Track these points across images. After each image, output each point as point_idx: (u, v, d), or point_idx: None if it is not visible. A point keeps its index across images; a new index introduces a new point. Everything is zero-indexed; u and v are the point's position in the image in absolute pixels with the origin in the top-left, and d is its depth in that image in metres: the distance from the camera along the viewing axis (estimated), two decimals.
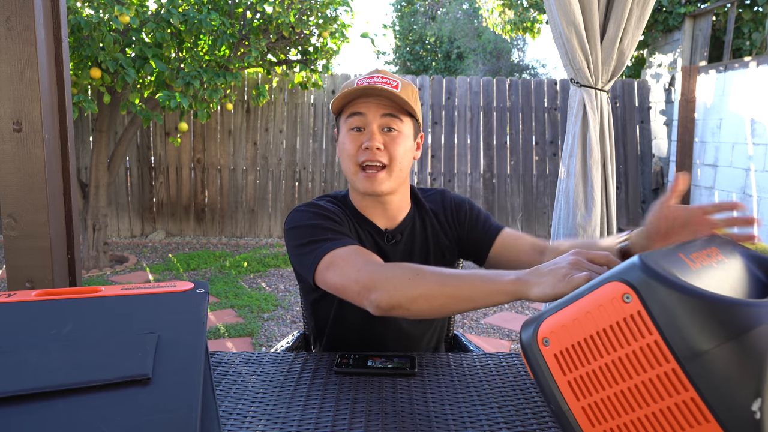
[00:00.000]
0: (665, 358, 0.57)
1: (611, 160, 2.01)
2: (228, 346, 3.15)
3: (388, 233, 1.20)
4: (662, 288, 0.57)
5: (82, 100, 3.80)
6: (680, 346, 0.56)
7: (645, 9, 1.93)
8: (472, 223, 1.25)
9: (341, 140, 1.16)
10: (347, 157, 1.14)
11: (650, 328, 0.58)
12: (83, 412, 0.56)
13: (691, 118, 5.61)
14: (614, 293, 0.60)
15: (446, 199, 1.28)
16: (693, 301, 0.56)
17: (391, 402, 0.89)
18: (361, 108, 1.12)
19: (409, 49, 14.42)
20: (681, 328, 0.56)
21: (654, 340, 0.57)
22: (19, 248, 1.19)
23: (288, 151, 6.08)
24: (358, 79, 1.14)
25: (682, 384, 0.56)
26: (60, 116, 1.25)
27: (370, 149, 1.10)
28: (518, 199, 6.18)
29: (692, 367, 0.55)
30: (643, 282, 0.58)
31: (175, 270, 4.71)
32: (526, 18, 7.85)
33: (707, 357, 0.55)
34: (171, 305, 0.74)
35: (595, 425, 0.62)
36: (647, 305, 0.58)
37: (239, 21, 4.78)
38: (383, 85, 1.10)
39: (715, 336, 0.55)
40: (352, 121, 1.13)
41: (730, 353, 0.54)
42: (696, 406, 0.55)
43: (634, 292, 0.59)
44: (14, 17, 1.15)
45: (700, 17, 5.88)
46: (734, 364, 0.54)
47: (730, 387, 0.54)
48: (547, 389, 0.66)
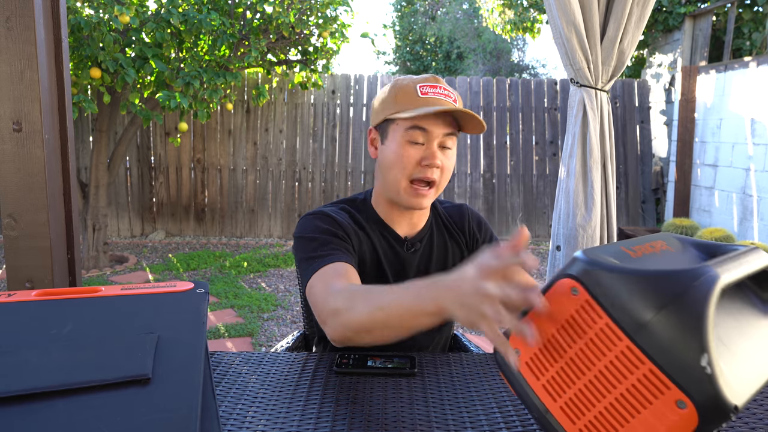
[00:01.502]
0: (618, 338, 0.60)
1: (611, 160, 2.01)
2: (228, 346, 3.15)
3: (407, 241, 1.20)
4: (602, 273, 0.61)
5: (82, 100, 3.80)
6: (627, 322, 0.59)
7: (645, 9, 1.92)
8: (486, 242, 1.27)
9: (394, 150, 1.10)
10: (400, 169, 1.10)
11: (599, 313, 0.61)
12: (83, 412, 0.56)
13: (691, 118, 5.61)
14: (563, 289, 0.64)
15: (465, 213, 1.28)
16: (627, 278, 0.60)
17: (391, 402, 0.89)
18: (426, 124, 1.08)
19: (409, 49, 14.42)
20: (624, 306, 0.60)
21: (605, 323, 0.61)
22: (19, 248, 1.19)
23: (288, 151, 6.08)
24: (419, 84, 1.10)
25: (637, 358, 0.59)
26: (60, 116, 1.25)
27: (430, 167, 1.09)
28: (518, 199, 6.18)
29: (641, 339, 0.58)
30: (585, 272, 0.63)
31: (175, 270, 4.71)
32: (526, 18, 7.85)
33: (651, 326, 0.58)
34: (171, 305, 0.74)
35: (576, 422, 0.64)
36: (592, 292, 0.62)
37: (239, 21, 4.78)
38: (447, 98, 1.09)
39: (652, 305, 0.58)
40: (414, 134, 1.09)
41: (669, 318, 0.57)
42: (655, 376, 0.58)
43: (579, 284, 0.63)
44: (14, 17, 1.15)
45: (700, 17, 5.88)
46: (675, 327, 0.57)
47: (678, 349, 0.57)
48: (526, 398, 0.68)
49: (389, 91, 1.13)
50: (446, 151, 1.12)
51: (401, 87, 1.11)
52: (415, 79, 1.12)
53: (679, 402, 0.56)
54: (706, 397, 0.55)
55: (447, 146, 1.12)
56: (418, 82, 1.10)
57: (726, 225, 5.14)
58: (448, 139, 1.11)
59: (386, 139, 1.13)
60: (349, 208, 1.20)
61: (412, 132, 1.09)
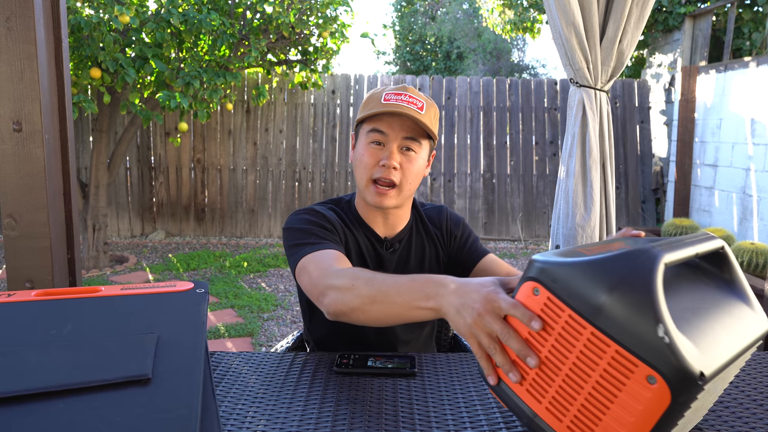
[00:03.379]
0: (582, 326, 0.62)
1: (611, 161, 2.01)
2: (228, 346, 3.15)
3: (386, 241, 1.25)
4: (555, 269, 0.65)
5: (82, 100, 3.80)
6: (585, 309, 0.62)
7: (644, 9, 1.92)
8: (463, 242, 1.31)
9: (359, 150, 1.19)
10: (363, 168, 1.17)
11: (561, 307, 0.64)
12: (83, 412, 0.56)
13: (691, 118, 5.61)
14: (527, 292, 0.68)
15: (444, 215, 1.32)
16: (577, 268, 0.64)
17: (391, 402, 0.89)
18: (384, 127, 1.15)
19: (409, 49, 14.41)
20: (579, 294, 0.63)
21: (568, 314, 0.63)
22: (19, 248, 1.19)
23: (288, 151, 6.08)
24: (385, 92, 1.16)
25: (603, 342, 0.61)
26: (60, 116, 1.25)
27: (386, 167, 1.14)
28: (518, 199, 6.18)
29: (602, 322, 0.61)
30: (541, 271, 0.66)
31: (175, 270, 4.71)
32: (526, 18, 7.85)
33: (607, 308, 0.61)
34: (171, 305, 0.74)
35: (562, 419, 0.65)
36: (550, 288, 0.65)
37: (239, 21, 4.78)
38: (410, 105, 1.13)
39: (603, 287, 0.61)
40: (374, 135, 1.16)
41: (621, 297, 0.60)
42: (622, 357, 0.60)
43: (539, 283, 0.66)
44: (14, 17, 1.15)
45: (700, 17, 5.88)
46: (628, 305, 0.60)
47: (635, 325, 0.59)
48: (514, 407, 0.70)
49: (365, 98, 1.21)
50: (409, 153, 1.16)
51: (372, 94, 1.19)
52: (387, 88, 1.18)
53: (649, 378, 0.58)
54: (671, 366, 0.57)
55: (411, 149, 1.16)
56: (386, 91, 1.17)
57: (726, 225, 5.14)
58: (410, 142, 1.15)
59: (356, 142, 1.22)
60: (336, 208, 1.26)
61: (372, 134, 1.16)
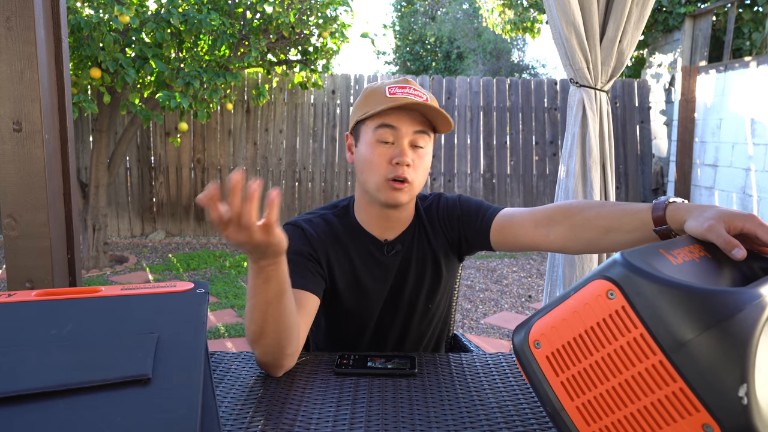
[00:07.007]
0: (651, 351, 0.57)
1: (611, 161, 2.01)
2: (228, 346, 3.15)
3: (387, 244, 1.19)
4: (643, 282, 0.59)
5: (82, 100, 3.80)
6: (665, 337, 0.57)
7: (644, 9, 1.92)
8: (466, 218, 1.20)
9: (365, 151, 1.10)
10: (375, 170, 1.09)
11: (635, 322, 0.59)
12: (83, 412, 0.56)
13: (691, 118, 5.61)
14: (599, 291, 0.61)
15: (440, 203, 1.24)
16: (673, 292, 0.57)
17: (391, 402, 0.89)
18: (394, 121, 1.08)
19: (409, 49, 14.41)
20: (664, 320, 0.57)
21: (639, 333, 0.58)
22: (19, 248, 1.19)
23: (288, 151, 6.08)
24: (388, 85, 1.10)
25: (669, 375, 0.56)
26: (60, 116, 1.25)
27: (401, 165, 1.07)
28: (518, 199, 6.18)
29: (678, 357, 0.56)
30: (625, 277, 0.60)
31: (175, 270, 4.71)
32: (526, 18, 7.85)
33: (691, 346, 0.55)
34: (171, 305, 0.74)
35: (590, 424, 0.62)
36: (630, 300, 0.59)
37: (239, 21, 4.78)
38: (417, 98, 1.07)
39: (696, 325, 0.55)
40: (382, 133, 1.08)
41: (712, 341, 0.55)
42: (685, 396, 0.56)
43: (617, 288, 0.60)
44: (14, 17, 1.15)
45: (700, 17, 5.88)
46: (717, 352, 0.54)
47: (716, 374, 0.54)
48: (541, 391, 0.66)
49: (361, 95, 1.15)
50: (418, 150, 1.10)
51: (371, 89, 1.12)
52: (386, 82, 1.12)
53: (706, 426, 0.54)
54: (736, 425, 0.53)
55: (419, 145, 1.10)
56: (388, 84, 1.11)
57: None
58: (419, 137, 1.10)
59: (359, 142, 1.13)
60: (330, 217, 1.19)
61: (381, 131, 1.08)
